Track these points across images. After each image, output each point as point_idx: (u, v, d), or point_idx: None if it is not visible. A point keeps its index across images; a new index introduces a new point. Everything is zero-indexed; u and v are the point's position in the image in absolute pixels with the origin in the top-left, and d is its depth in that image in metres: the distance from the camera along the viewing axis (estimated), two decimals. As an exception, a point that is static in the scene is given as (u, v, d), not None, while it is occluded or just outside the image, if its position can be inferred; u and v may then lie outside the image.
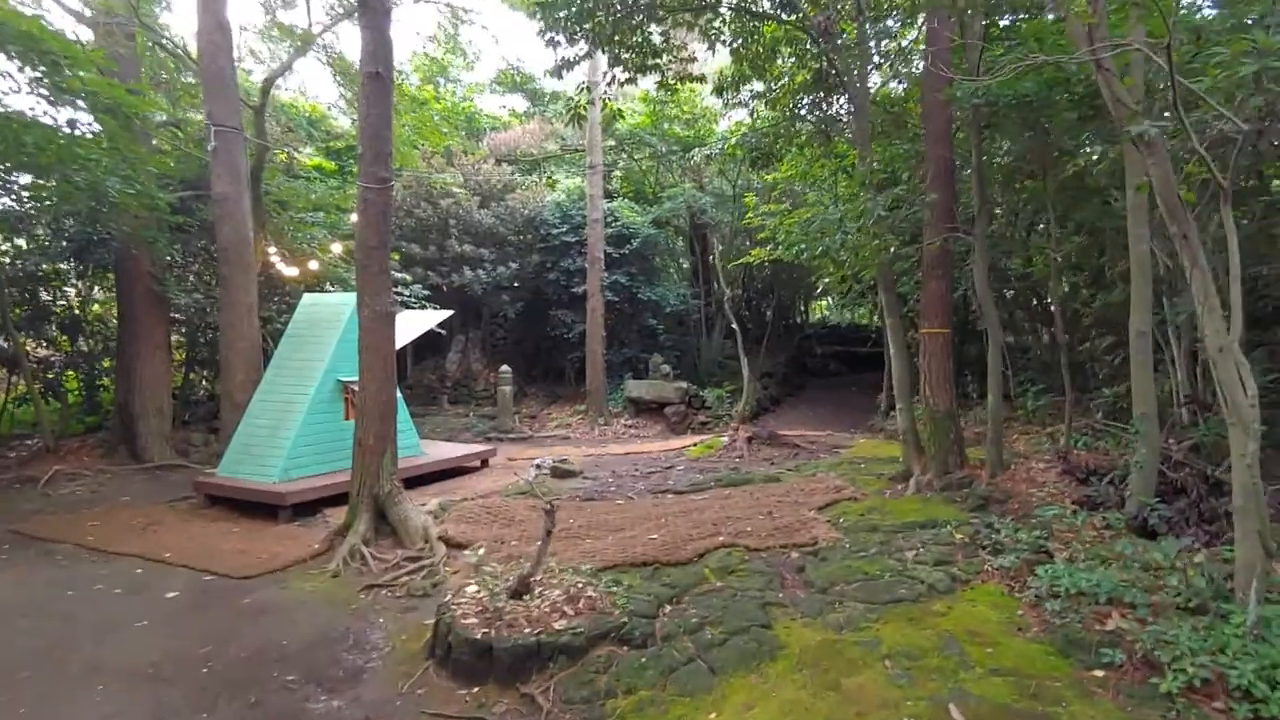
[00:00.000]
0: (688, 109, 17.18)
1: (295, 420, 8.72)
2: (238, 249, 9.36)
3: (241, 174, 9.48)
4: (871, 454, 10.21)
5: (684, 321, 19.01)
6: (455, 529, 7.21)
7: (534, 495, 8.65)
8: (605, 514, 7.52)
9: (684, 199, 16.84)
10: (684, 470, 10.00)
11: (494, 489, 9.69)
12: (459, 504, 8.12)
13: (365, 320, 7.20)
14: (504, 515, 7.61)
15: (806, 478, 8.39)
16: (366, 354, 7.23)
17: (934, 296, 7.32)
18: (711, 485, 8.58)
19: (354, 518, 7.20)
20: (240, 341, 9.37)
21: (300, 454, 8.67)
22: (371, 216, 7.14)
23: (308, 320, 9.56)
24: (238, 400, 9.26)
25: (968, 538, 5.35)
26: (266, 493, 8.09)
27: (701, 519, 6.91)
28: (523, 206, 16.51)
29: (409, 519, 7.18)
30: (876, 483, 7.83)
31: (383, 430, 7.28)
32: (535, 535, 7.00)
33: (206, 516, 8.25)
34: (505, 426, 15.24)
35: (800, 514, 6.82)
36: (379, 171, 7.13)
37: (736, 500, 7.62)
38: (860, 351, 25.00)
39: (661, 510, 7.46)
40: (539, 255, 17.18)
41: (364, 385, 7.26)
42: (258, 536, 7.50)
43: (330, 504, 8.48)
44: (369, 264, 7.16)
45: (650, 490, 8.77)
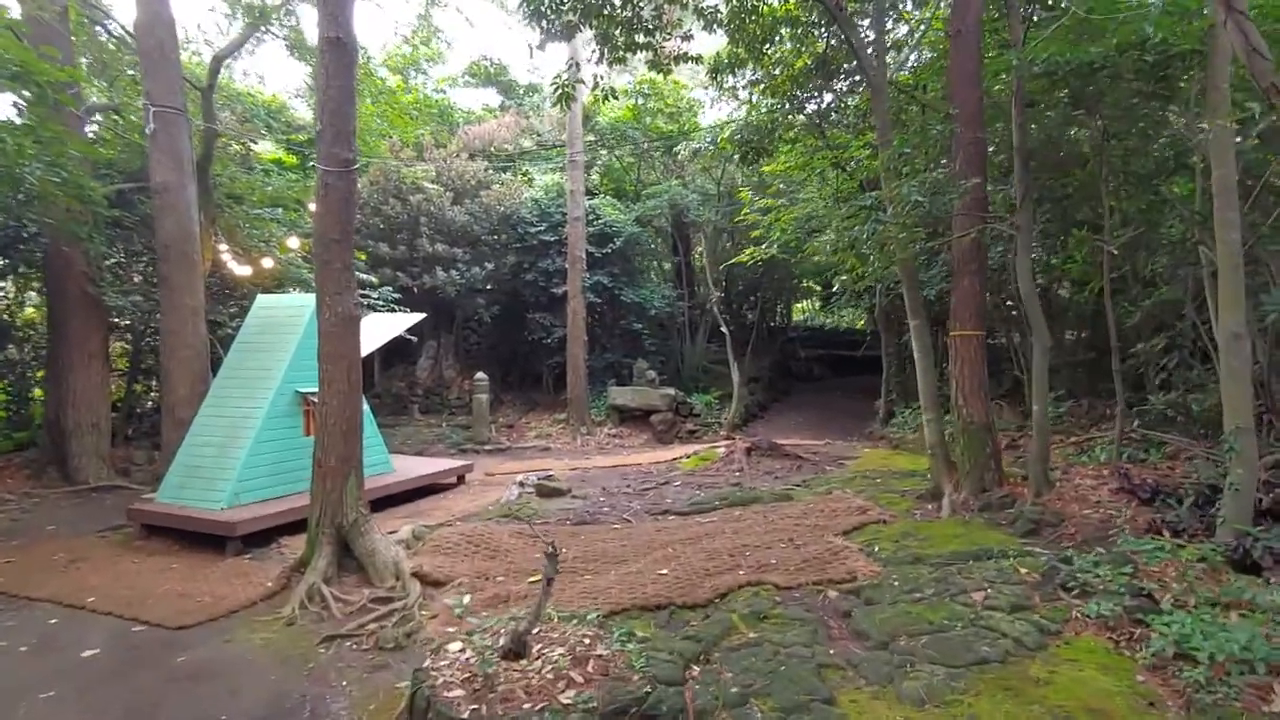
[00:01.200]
0: (670, 102, 16.40)
1: (247, 437, 7.71)
2: (181, 245, 8.31)
3: (185, 161, 8.44)
4: (882, 466, 9.49)
5: (665, 325, 18.23)
6: (431, 562, 6.29)
7: (520, 518, 7.76)
8: (602, 541, 6.66)
9: (668, 196, 16.04)
10: (681, 486, 9.17)
11: (473, 510, 8.76)
12: (435, 531, 7.19)
13: (326, 324, 6.26)
14: (487, 544, 6.70)
15: (822, 496, 7.62)
16: (328, 362, 6.28)
17: (967, 295, 6.61)
18: (717, 505, 7.76)
19: (313, 551, 6.24)
20: (184, 349, 8.32)
21: (252, 476, 7.67)
22: (333, 204, 6.20)
23: (262, 324, 8.55)
24: (181, 416, 8.21)
25: (1038, 574, 4.59)
26: (212, 521, 7.08)
27: (714, 548, 6.08)
28: (498, 204, 15.57)
29: (377, 552, 6.24)
30: (902, 502, 7.09)
31: (346, 450, 6.34)
32: (524, 568, 6.13)
33: (141, 550, 7.20)
34: (481, 438, 14.29)
35: (826, 541, 6.03)
36: (341, 152, 6.19)
37: (749, 523, 6.81)
38: (844, 355, 24.51)
39: (666, 536, 6.62)
40: (515, 255, 16.25)
41: (325, 398, 6.31)
42: (200, 574, 6.50)
43: (288, 532, 7.49)
44: (330, 259, 6.22)
45: (648, 511, 7.93)
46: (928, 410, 6.99)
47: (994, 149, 7.00)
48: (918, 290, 7.07)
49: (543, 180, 16.63)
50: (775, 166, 11.46)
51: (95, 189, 8.45)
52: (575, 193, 14.60)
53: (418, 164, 15.25)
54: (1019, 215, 5.93)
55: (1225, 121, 4.34)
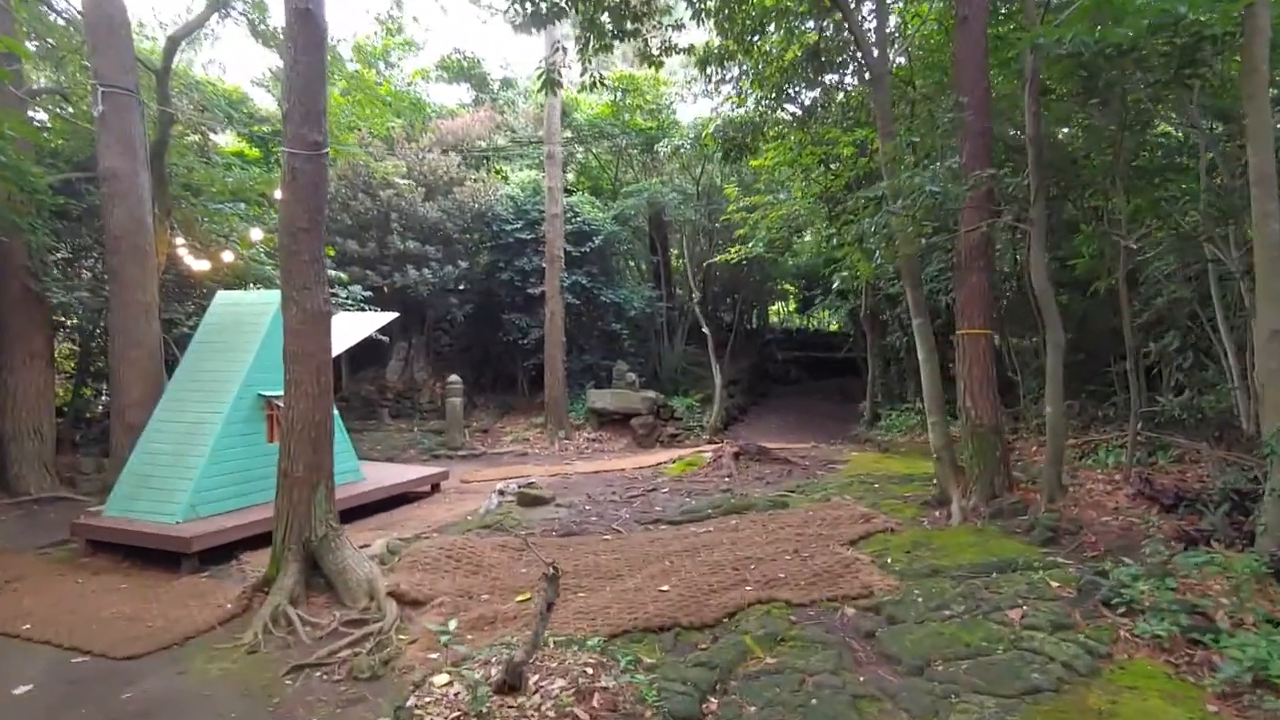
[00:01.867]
0: (650, 99, 16.04)
1: (205, 444, 7.13)
2: (132, 237, 7.69)
3: (137, 147, 7.82)
4: (875, 470, 9.20)
5: (643, 326, 17.85)
6: (409, 580, 5.79)
7: (502, 529, 7.29)
8: (593, 554, 6.23)
9: (647, 194, 15.66)
10: (670, 493, 8.78)
11: (450, 520, 8.27)
12: (411, 544, 6.69)
13: (293, 321, 5.74)
14: (468, 558, 6.23)
15: (819, 503, 7.28)
16: (294, 363, 5.76)
17: (974, 292, 6.33)
18: (710, 513, 7.38)
19: (278, 569, 5.72)
20: (135, 349, 7.69)
21: (211, 486, 7.09)
22: (301, 190, 5.69)
23: (222, 323, 7.96)
24: (132, 421, 7.58)
25: (1073, 588, 4.29)
26: (166, 536, 6.50)
27: (715, 560, 5.70)
28: (472, 200, 15.04)
29: (349, 569, 5.73)
30: (907, 508, 6.78)
31: (315, 458, 5.82)
32: (511, 585, 5.68)
33: (86, 569, 6.58)
34: (455, 443, 13.74)
35: (833, 551, 5.69)
36: (309, 134, 5.69)
37: (748, 533, 6.44)
38: (820, 357, 24.39)
39: (661, 548, 6.22)
40: (490, 254, 15.73)
41: (291, 402, 5.79)
42: (152, 595, 5.92)
43: (250, 546, 6.94)
44: (297, 250, 5.70)
45: (638, 520, 7.52)
46: (932, 413, 6.69)
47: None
48: (920, 288, 6.79)
49: (519, 177, 16.13)
50: (763, 162, 11.15)
51: (38, 174, 7.79)
52: (553, 189, 14.14)
53: (388, 159, 14.65)
54: (1033, 208, 5.67)
55: (1265, 106, 4.10)
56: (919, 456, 10.27)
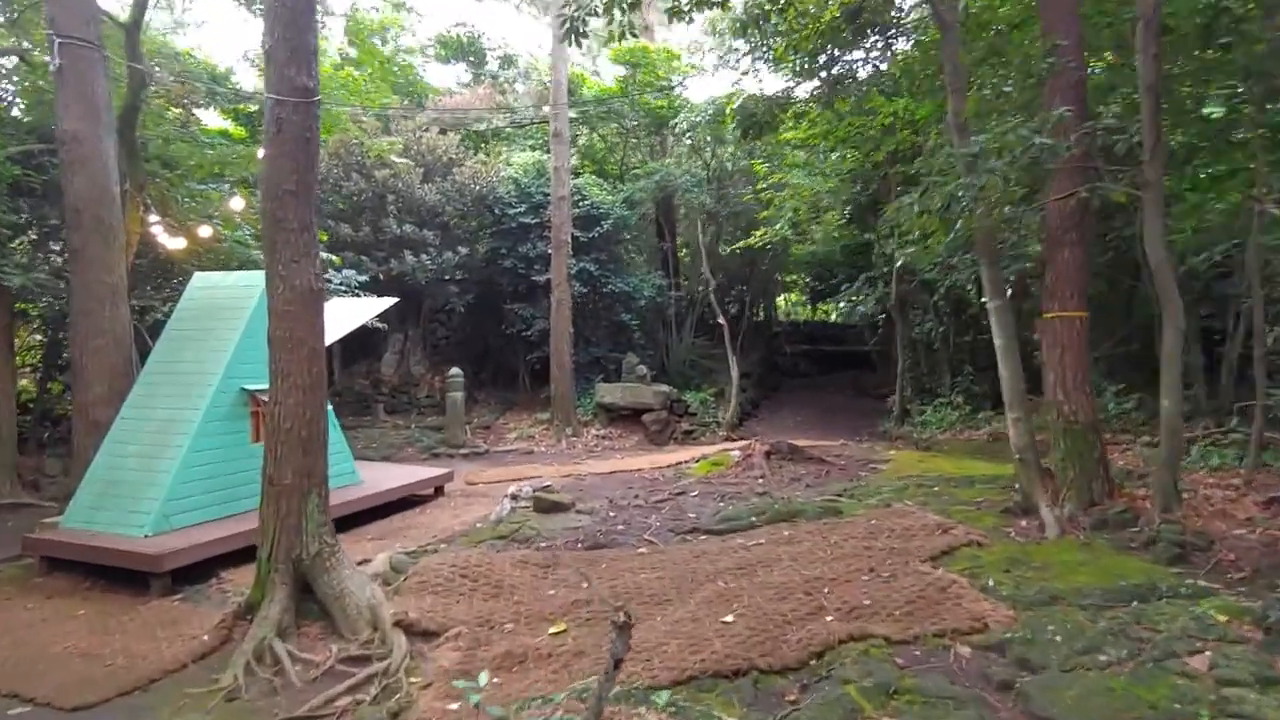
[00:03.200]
0: (662, 74, 15.13)
1: (179, 445, 6.24)
2: (95, 209, 6.75)
3: (100, 108, 6.88)
4: (925, 472, 8.39)
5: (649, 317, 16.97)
6: (418, 605, 4.93)
7: (521, 541, 6.43)
8: (631, 572, 5.38)
9: (659, 177, 14.78)
10: (700, 496, 7.94)
11: (458, 529, 7.40)
12: (418, 560, 5.82)
13: (279, 301, 4.86)
14: (486, 578, 5.36)
15: (879, 509, 6.46)
16: (281, 350, 4.88)
17: (1068, 268, 5.52)
18: (754, 521, 6.55)
19: (264, 594, 4.85)
20: (99, 337, 6.77)
21: (186, 493, 6.20)
22: (287, 145, 4.79)
23: (200, 308, 7.06)
24: (96, 418, 6.67)
25: (1253, 625, 3.48)
26: (133, 554, 5.60)
27: (778, 581, 4.86)
28: (473, 182, 14.12)
29: (348, 593, 4.86)
30: (984, 516, 5.96)
31: (306, 462, 4.95)
32: (538, 612, 4.82)
33: (40, 591, 5.68)
34: (456, 440, 12.85)
35: (916, 570, 4.86)
36: (297, 77, 4.79)
37: (806, 546, 5.61)
38: (830, 350, 23.67)
39: (709, 565, 5.37)
40: (491, 239, 14.81)
41: (278, 396, 4.91)
42: (115, 623, 5.04)
43: (231, 562, 6.06)
44: (283, 217, 4.81)
45: (672, 530, 6.67)
46: (1014, 408, 5.87)
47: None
48: (998, 266, 5.96)
49: (521, 159, 15.20)
50: (796, 135, 10.30)
51: (-14, 140, 6.86)
52: (560, 169, 13.23)
53: (384, 138, 13.70)
54: (1149, 168, 4.84)
55: None
56: (966, 455, 9.48)
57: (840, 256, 16.54)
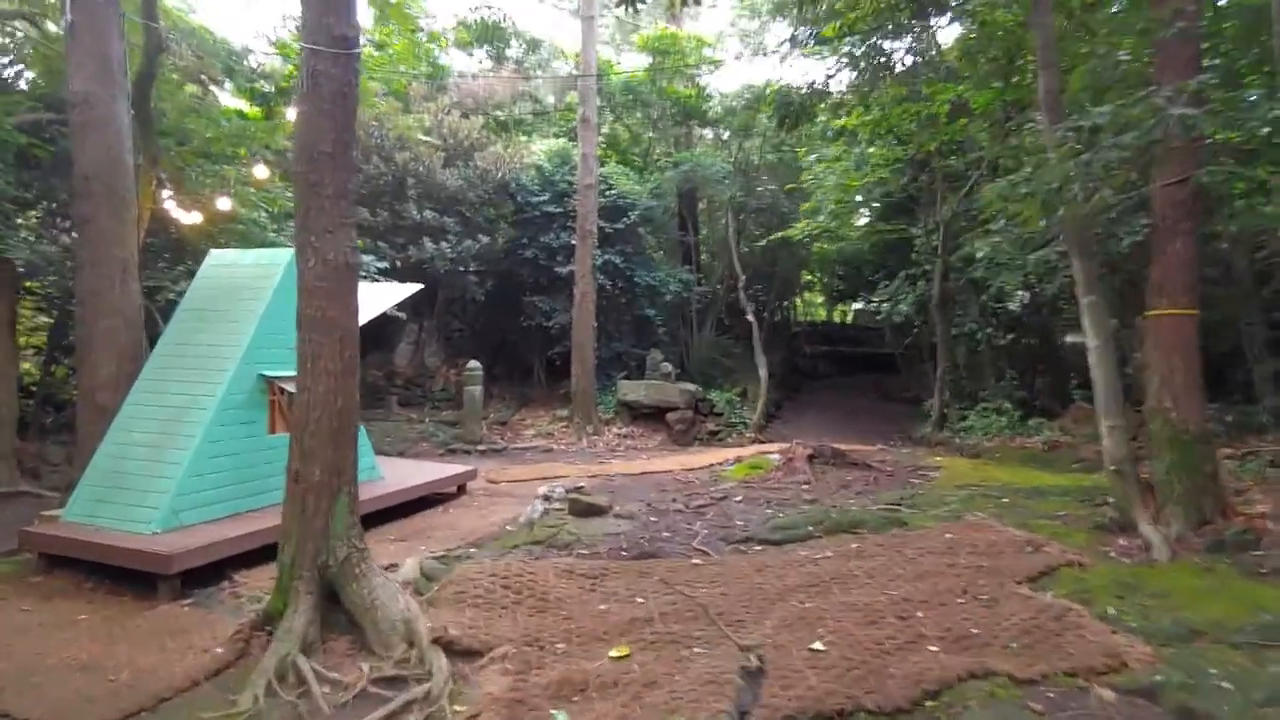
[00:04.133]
0: (692, 61, 14.60)
1: (191, 435, 5.74)
2: (107, 177, 6.26)
3: (115, 68, 6.38)
4: (983, 481, 7.87)
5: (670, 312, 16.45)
6: (457, 619, 4.43)
7: (560, 547, 5.92)
8: (688, 585, 4.87)
9: (689, 167, 14.25)
10: (744, 502, 7.43)
11: (486, 531, 6.90)
12: (452, 567, 5.31)
13: (310, 276, 4.35)
14: (530, 589, 4.85)
15: (953, 522, 5.94)
16: (311, 331, 4.37)
17: (1176, 262, 5.01)
18: (811, 530, 6.04)
19: (286, 603, 4.34)
20: (109, 316, 6.27)
21: (198, 487, 5.70)
22: (323, 101, 4.28)
23: (216, 286, 6.56)
24: (103, 402, 6.18)
25: None
26: (140, 553, 5.10)
27: (859, 601, 4.35)
28: (495, 168, 13.60)
29: (380, 605, 4.35)
30: (1073, 533, 5.44)
31: (336, 458, 4.44)
32: (590, 630, 4.31)
33: (37, 591, 5.19)
34: (473, 436, 12.35)
35: (1016, 592, 4.35)
36: (336, 25, 4.28)
37: (880, 561, 5.09)
38: (849, 352, 23.20)
39: (775, 579, 4.86)
40: (513, 228, 14.30)
41: (306, 383, 4.40)
42: (119, 630, 4.54)
43: (245, 563, 5.56)
44: (318, 181, 4.30)
45: (723, 539, 6.16)
46: (1109, 415, 5.35)
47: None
48: (1092, 258, 5.44)
49: (546, 145, 14.69)
50: (848, 122, 9.77)
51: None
52: (588, 156, 12.71)
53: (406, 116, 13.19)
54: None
55: None
56: (1020, 464, 8.96)
57: (870, 254, 16.01)
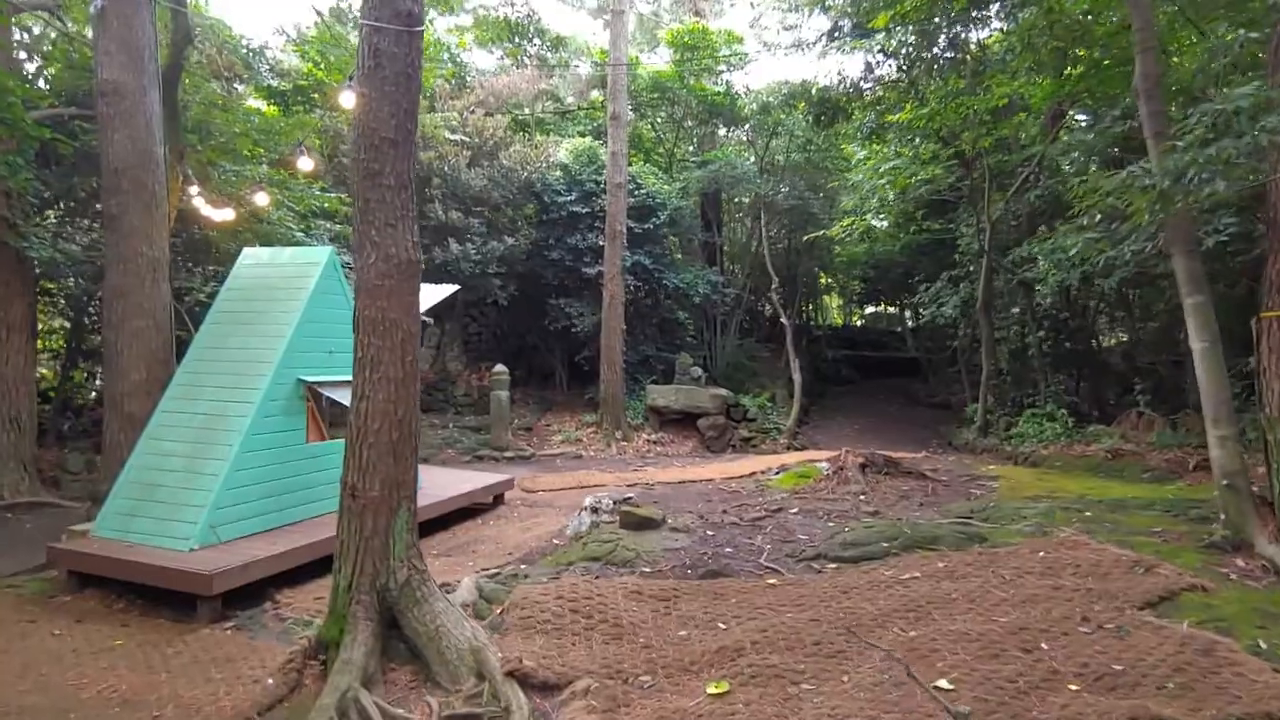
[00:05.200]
0: (721, 58, 14.25)
1: (229, 444, 5.39)
2: (137, 172, 5.92)
3: (145, 57, 6.05)
4: (1052, 490, 7.49)
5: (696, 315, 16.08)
6: (527, 648, 4.05)
7: (620, 564, 5.54)
8: (770, 609, 4.49)
9: (716, 167, 13.90)
10: (802, 514, 7.04)
11: (534, 544, 6.55)
12: (510, 585, 4.94)
13: (371, 274, 3.99)
14: (599, 612, 4.47)
15: (1040, 539, 5.54)
16: (371, 334, 4.01)
17: (1300, 258, 4.64)
18: (885, 547, 5.66)
19: (342, 630, 3.97)
20: (138, 318, 5.93)
21: (237, 499, 5.35)
22: (386, 82, 3.93)
23: (251, 287, 6.22)
24: (132, 410, 5.84)
25: None
26: (178, 572, 4.74)
27: (968, 630, 3.96)
28: (520, 167, 13.27)
29: (444, 633, 3.98)
30: (1181, 552, 5.04)
31: (397, 471, 4.08)
32: (675, 659, 3.94)
33: (67, 612, 4.84)
34: (500, 443, 12.00)
35: (1144, 621, 3.97)
36: (401, 0, 3.93)
37: (976, 583, 4.71)
38: (871, 356, 22.82)
39: (865, 603, 4.49)
40: (538, 229, 13.95)
41: (364, 390, 4.04)
42: (159, 658, 4.18)
43: (286, 581, 5.21)
44: (379, 170, 3.95)
45: (790, 555, 5.77)
46: (1220, 424, 4.96)
47: None
48: (1196, 255, 5.06)
49: (571, 144, 14.35)
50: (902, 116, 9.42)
51: (15, 90, 6.03)
52: (617, 155, 12.38)
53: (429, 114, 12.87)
54: None
55: None
56: (1085, 474, 8.56)
57: (901, 256, 15.63)
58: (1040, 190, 9.51)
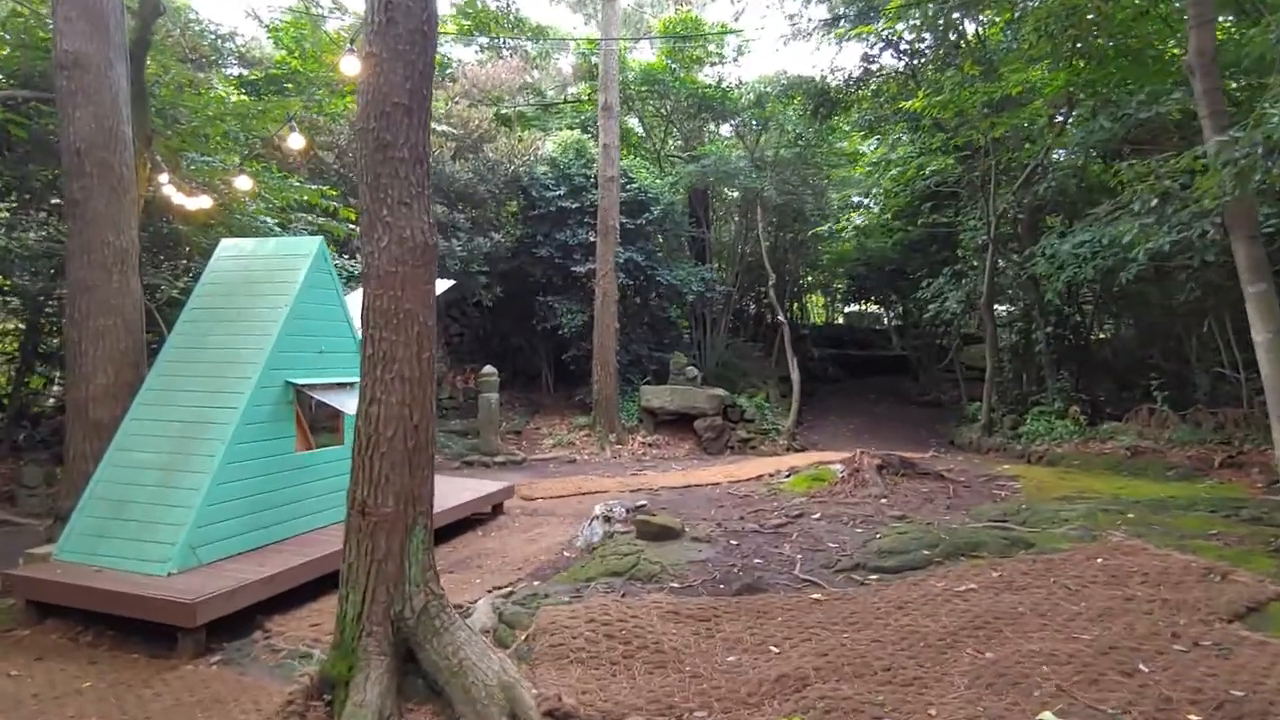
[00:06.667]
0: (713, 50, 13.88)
1: (210, 455, 4.84)
2: (102, 153, 5.32)
3: (111, 26, 5.46)
4: (1081, 490, 7.23)
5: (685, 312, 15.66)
6: (561, 680, 3.60)
7: (646, 579, 5.09)
8: (824, 629, 4.09)
9: (709, 162, 13.52)
10: (825, 520, 6.65)
11: (545, 558, 6.08)
12: (533, 608, 4.47)
13: (383, 259, 3.50)
14: (636, 636, 4.03)
15: (1091, 544, 5.23)
16: (382, 328, 3.53)
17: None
18: (926, 554, 5.31)
19: (351, 666, 3.48)
20: (103, 316, 5.33)
21: (220, 516, 4.81)
22: (400, 41, 3.45)
23: (231, 282, 5.66)
24: (98, 417, 5.24)
25: None
26: (159, 601, 4.18)
27: (1048, 650, 3.60)
28: (507, 161, 12.75)
29: (469, 667, 3.49)
30: (1251, 557, 4.75)
31: (413, 484, 3.60)
32: (728, 690, 3.52)
33: (28, 648, 4.25)
34: (490, 447, 11.48)
35: (1242, 638, 3.64)
36: (417, -52, 3.45)
37: (1040, 595, 4.37)
38: (856, 355, 22.66)
39: (927, 620, 4.11)
40: (524, 225, 13.44)
41: (374, 393, 3.55)
42: (135, 702, 3.64)
43: (279, 606, 4.68)
44: (391, 140, 3.46)
45: (826, 565, 5.38)
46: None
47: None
48: (1259, 241, 4.78)
49: (560, 136, 13.86)
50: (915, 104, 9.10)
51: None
52: (609, 147, 11.93)
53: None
54: None
55: None
56: (1106, 472, 8.33)
57: (894, 252, 15.39)
58: (1049, 183, 9.29)
